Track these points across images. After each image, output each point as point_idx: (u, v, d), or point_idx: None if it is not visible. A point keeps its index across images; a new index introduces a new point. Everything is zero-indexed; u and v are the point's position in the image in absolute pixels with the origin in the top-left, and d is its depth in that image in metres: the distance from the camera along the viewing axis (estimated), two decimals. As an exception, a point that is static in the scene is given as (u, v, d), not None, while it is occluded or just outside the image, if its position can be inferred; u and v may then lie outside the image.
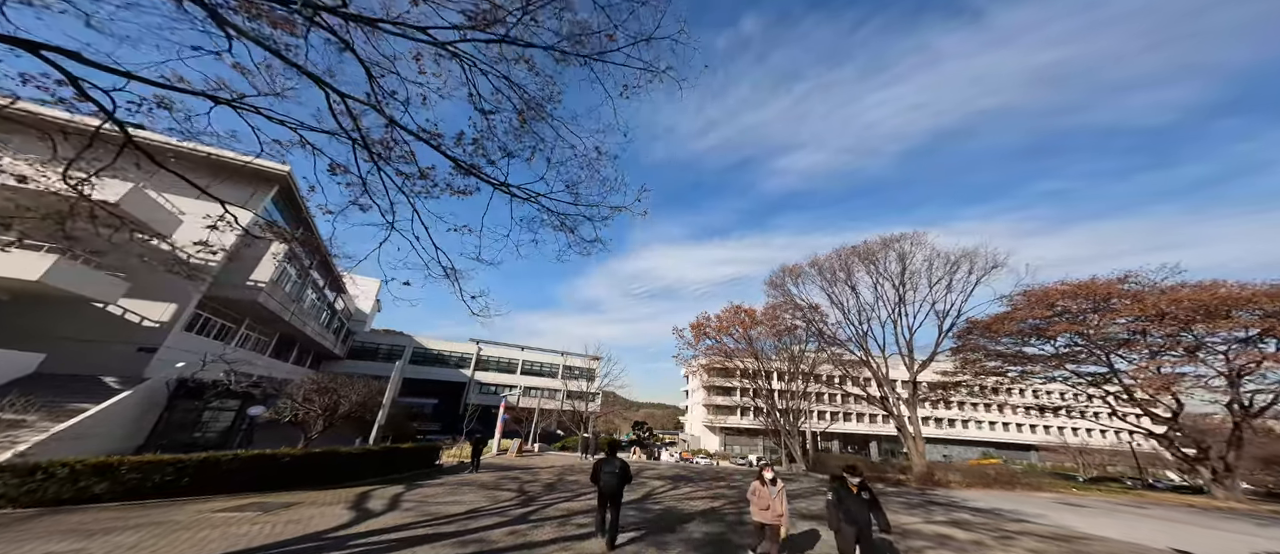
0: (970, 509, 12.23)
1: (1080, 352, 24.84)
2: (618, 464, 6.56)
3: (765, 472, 6.15)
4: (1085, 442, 57.97)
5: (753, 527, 6.13)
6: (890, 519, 9.07)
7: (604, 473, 6.44)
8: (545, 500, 9.77)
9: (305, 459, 9.63)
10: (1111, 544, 8.54)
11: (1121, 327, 22.50)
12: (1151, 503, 18.44)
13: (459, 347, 44.64)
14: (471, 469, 13.59)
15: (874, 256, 25.45)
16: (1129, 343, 23.18)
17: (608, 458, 6.66)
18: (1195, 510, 16.73)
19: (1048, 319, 24.21)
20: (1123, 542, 8.96)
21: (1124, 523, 11.78)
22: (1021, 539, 8.61)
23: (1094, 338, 23.67)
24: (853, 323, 26.59)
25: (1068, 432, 61.83)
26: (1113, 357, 23.55)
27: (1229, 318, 18.70)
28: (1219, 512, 16.51)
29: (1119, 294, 22.12)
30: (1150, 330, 21.74)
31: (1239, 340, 19.89)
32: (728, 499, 11.43)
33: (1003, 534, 9.03)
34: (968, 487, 18.58)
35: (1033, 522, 10.79)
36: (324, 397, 13.01)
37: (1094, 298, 22.41)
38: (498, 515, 8.12)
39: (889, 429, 61.66)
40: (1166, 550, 8.35)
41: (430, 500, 8.99)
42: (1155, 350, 22.37)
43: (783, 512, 5.86)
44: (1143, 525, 11.68)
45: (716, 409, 63.16)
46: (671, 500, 10.68)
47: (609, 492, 6.42)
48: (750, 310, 28.88)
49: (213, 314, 19.21)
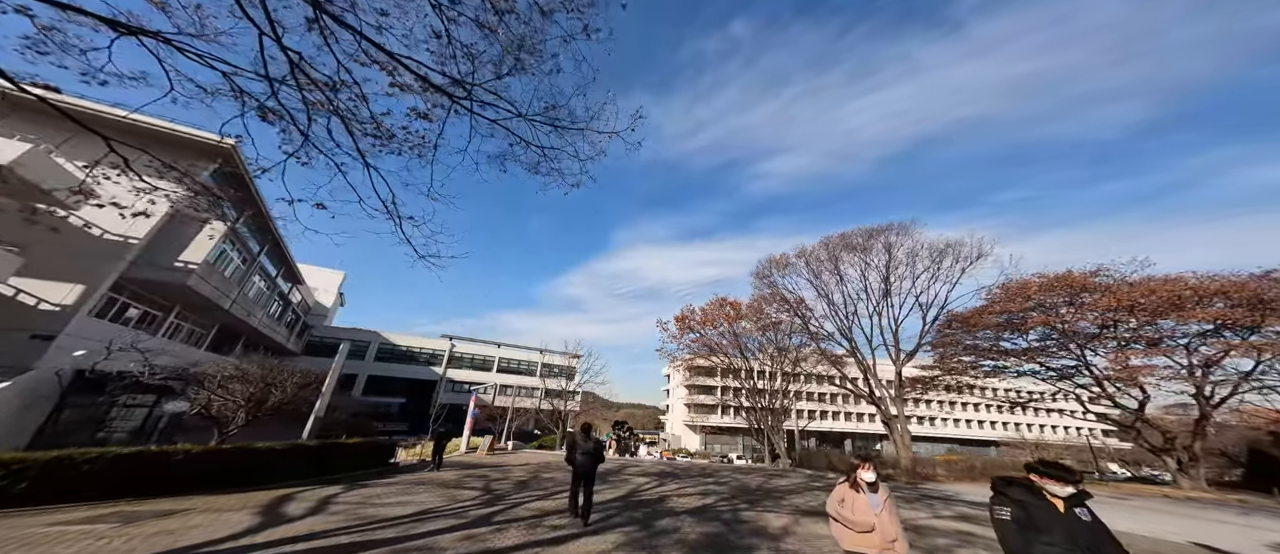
0: (968, 503, 11.66)
1: (1052, 345, 25.26)
2: (592, 445, 6.85)
3: (863, 470, 3.79)
4: (1041, 437, 60.76)
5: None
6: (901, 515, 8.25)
7: (579, 453, 6.74)
8: (514, 499, 8.47)
9: (207, 458, 7.87)
10: (1136, 539, 7.98)
11: (1093, 320, 22.91)
12: (1128, 494, 18.64)
13: (430, 343, 42.24)
14: (432, 468, 12.09)
15: (861, 246, 25.17)
16: (1099, 336, 23.69)
17: (583, 439, 6.95)
18: (1171, 500, 16.93)
19: (1024, 312, 24.49)
20: (1145, 536, 8.45)
21: (1119, 515, 11.45)
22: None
23: (1066, 331, 24.07)
24: (839, 315, 26.26)
25: (1025, 428, 64.51)
26: (1085, 350, 24.00)
27: (1197, 308, 19.15)
28: (1193, 501, 16.76)
29: (1091, 287, 22.52)
30: (1121, 322, 22.20)
31: (1206, 331, 20.44)
32: (719, 495, 10.40)
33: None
34: (954, 480, 18.29)
35: None
36: (247, 385, 11.08)
37: (1070, 290, 22.74)
38: (453, 517, 6.79)
39: (863, 427, 62.77)
40: (1188, 545, 7.88)
41: (372, 502, 7.55)
42: (1123, 342, 22.87)
43: (897, 536, 3.47)
44: (1140, 517, 11.38)
45: (698, 408, 62.83)
46: (659, 498, 9.56)
47: (583, 471, 6.72)
48: (735, 303, 28.22)
49: (134, 299, 16.84)
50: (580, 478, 6.77)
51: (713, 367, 54.91)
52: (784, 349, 27.81)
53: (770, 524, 7.57)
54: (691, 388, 63.07)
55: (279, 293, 29.43)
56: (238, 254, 21.30)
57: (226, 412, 10.62)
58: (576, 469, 6.77)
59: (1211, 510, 13.97)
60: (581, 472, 6.71)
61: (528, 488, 9.88)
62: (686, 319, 29.12)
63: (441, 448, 12.71)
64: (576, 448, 6.77)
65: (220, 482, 7.78)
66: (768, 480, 13.89)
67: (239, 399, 10.67)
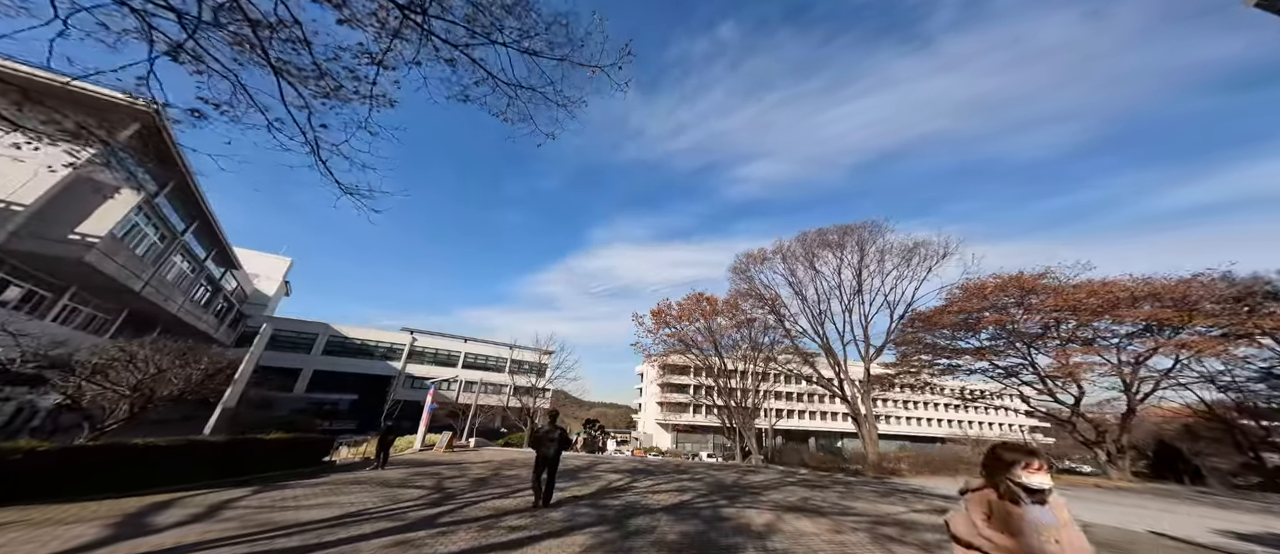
0: (941, 496, 11.69)
1: (1001, 345, 26.64)
2: (557, 432, 7.16)
3: (1032, 469, 2.35)
4: (981, 434, 65.02)
5: None
6: (880, 509, 7.87)
7: (545, 440, 7.03)
8: (468, 498, 7.49)
9: (64, 458, 6.32)
10: (1104, 532, 8.06)
11: (1039, 320, 24.29)
12: (1066, 485, 19.65)
13: (388, 336, 39.49)
14: (375, 466, 10.79)
15: (836, 243, 25.56)
16: (1043, 336, 25.17)
17: (549, 426, 7.25)
18: (1105, 490, 17.95)
19: (979, 312, 25.69)
20: (1109, 526, 8.57)
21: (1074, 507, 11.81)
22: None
23: (1015, 331, 25.45)
24: (812, 312, 26.55)
25: (967, 426, 68.86)
26: (1032, 348, 25.45)
27: (1131, 309, 20.58)
28: (1124, 490, 17.86)
29: (1039, 288, 23.86)
30: (1063, 321, 23.62)
31: (1135, 331, 22.10)
32: (696, 491, 9.81)
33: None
34: (916, 474, 18.72)
35: None
36: (134, 372, 9.17)
37: (1021, 290, 24.00)
38: (388, 519, 5.77)
39: (828, 425, 64.80)
40: (1147, 534, 8.02)
41: (283, 505, 6.36)
42: (1064, 341, 24.41)
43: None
44: (1091, 508, 11.79)
45: (670, 406, 62.84)
46: (633, 495, 8.84)
47: (548, 456, 7.01)
48: (712, 299, 28.04)
49: (15, 275, 14.27)
50: (544, 462, 7.00)
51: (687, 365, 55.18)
52: (758, 346, 27.86)
53: (753, 521, 7.03)
54: (665, 386, 62.99)
55: (208, 277, 26.42)
56: (155, 230, 18.71)
57: (104, 403, 8.81)
58: (541, 454, 7.03)
59: (1144, 499, 14.86)
60: (547, 456, 6.98)
61: (486, 485, 8.89)
62: (663, 313, 28.65)
63: (387, 444, 11.42)
64: (543, 435, 7.11)
65: (86, 487, 6.25)
66: (743, 476, 13.50)
67: (124, 388, 8.85)
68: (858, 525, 7.13)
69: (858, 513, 8.28)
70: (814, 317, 26.67)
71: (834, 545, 5.81)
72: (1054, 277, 24.10)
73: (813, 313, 26.69)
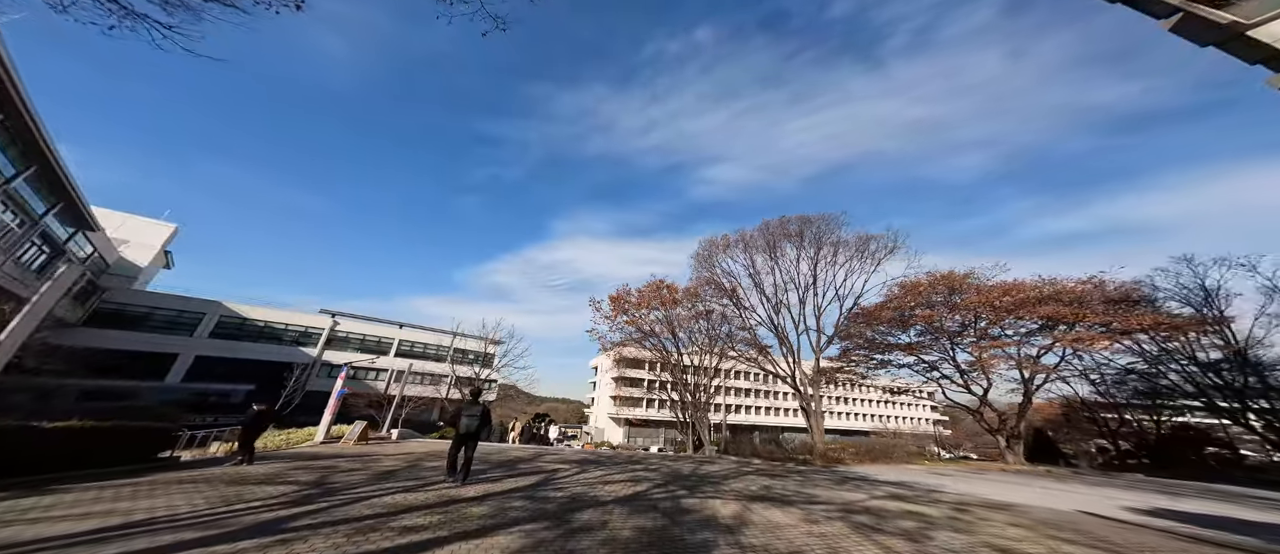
0: (892, 483, 11.65)
1: (927, 340, 28.61)
2: (479, 409, 7.01)
3: None
4: (898, 427, 71.28)
5: None
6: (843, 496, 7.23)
7: (465, 416, 6.87)
8: (355, 495, 5.76)
9: None
10: (1038, 511, 8.09)
11: (963, 317, 26.28)
12: (977, 470, 21.27)
13: (301, 319, 34.39)
14: (236, 461, 8.44)
15: (796, 233, 25.88)
16: (962, 333, 27.28)
17: (470, 403, 7.10)
18: (1008, 473, 19.58)
19: (914, 307, 27.35)
20: (1041, 506, 8.70)
21: (998, 489, 12.38)
22: (982, 512, 7.61)
23: (939, 328, 27.40)
24: (769, 302, 26.70)
25: (886, 420, 75.23)
26: (953, 344, 27.53)
27: (1038, 307, 22.72)
28: (1025, 474, 19.58)
29: (965, 287, 25.84)
30: (982, 317, 25.69)
31: (1035, 329, 24.51)
32: (652, 481, 8.71)
33: (957, 506, 8.02)
34: (859, 462, 19.22)
35: (951, 492, 10.39)
36: None
37: (949, 288, 25.82)
38: (198, 528, 3.99)
39: (774, 420, 67.36)
40: (1076, 513, 8.18)
41: (13, 519, 4.31)
42: (979, 336, 26.64)
43: None
44: (1012, 490, 12.38)
45: (623, 400, 61.95)
46: (580, 486, 7.54)
47: (467, 432, 6.85)
48: (672, 287, 27.28)
49: None
50: (463, 438, 6.82)
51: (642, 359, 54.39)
52: (715, 338, 27.61)
53: (719, 512, 6.04)
54: (620, 380, 61.96)
55: (46, 237, 21.08)
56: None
57: None
58: (460, 431, 6.83)
59: (1044, 480, 16.20)
60: (466, 432, 6.79)
61: (391, 479, 7.13)
62: (622, 299, 27.41)
63: (252, 435, 9.06)
64: (463, 411, 6.93)
65: None
66: (699, 466, 12.68)
67: None
68: (830, 514, 6.41)
69: (824, 501, 7.64)
70: (771, 307, 26.88)
71: (815, 537, 4.95)
72: (977, 277, 26.25)
73: (770, 303, 26.90)
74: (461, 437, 6.87)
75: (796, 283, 26.63)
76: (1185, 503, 10.89)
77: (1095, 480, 17.08)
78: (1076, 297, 22.23)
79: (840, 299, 27.05)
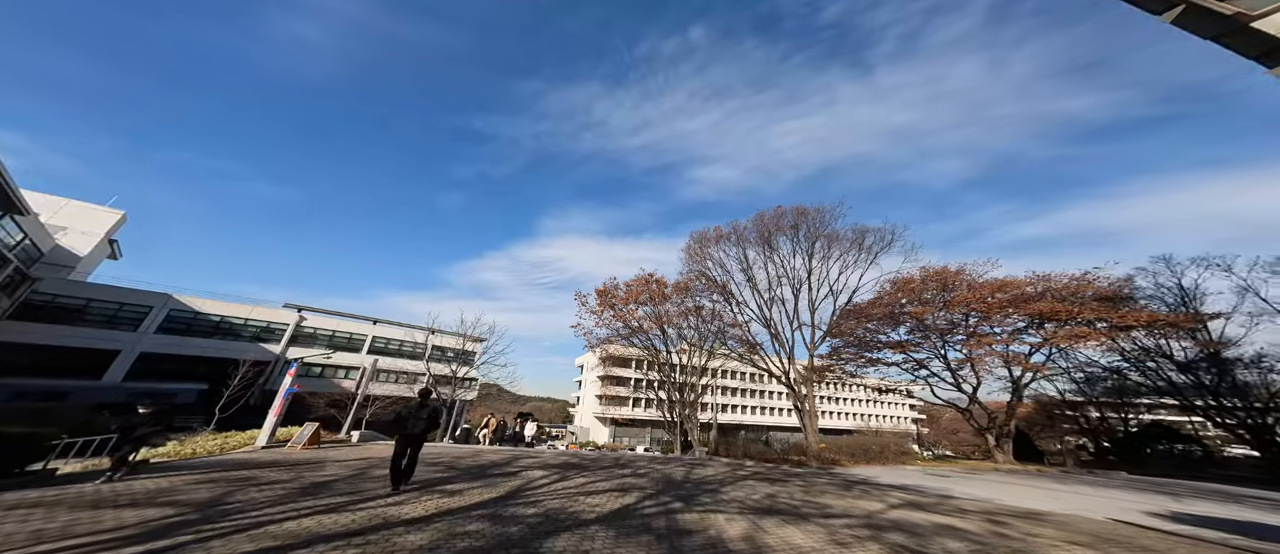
0: (897, 487, 10.82)
1: (917, 338, 28.21)
2: (427, 410, 6.76)
3: None
4: (879, 426, 71.89)
5: None
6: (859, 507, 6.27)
7: (410, 417, 6.60)
8: (252, 520, 4.44)
9: None
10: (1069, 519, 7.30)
11: (955, 313, 25.89)
12: (970, 470, 20.83)
13: (263, 313, 31.99)
14: (109, 477, 6.52)
15: (792, 225, 25.01)
16: (952, 330, 26.94)
17: (420, 404, 6.85)
18: (1001, 473, 19.18)
19: (906, 303, 26.89)
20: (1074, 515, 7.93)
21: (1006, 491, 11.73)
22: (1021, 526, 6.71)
23: (930, 326, 27.01)
24: (762, 296, 25.82)
25: (867, 419, 75.90)
26: (945, 340, 27.18)
27: (1032, 303, 22.41)
28: (1019, 473, 19.25)
29: (958, 283, 25.46)
30: (975, 313, 25.34)
31: (1031, 324, 24.24)
32: (642, 490, 7.55)
33: (989, 518, 7.12)
34: (855, 464, 18.44)
35: (965, 497, 9.58)
36: None
37: (943, 284, 25.40)
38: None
39: (756, 419, 67.02)
40: (1108, 522, 7.43)
41: None
42: (969, 334, 26.31)
43: None
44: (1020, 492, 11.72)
45: (609, 399, 60.70)
46: (558, 499, 6.33)
47: (414, 433, 6.57)
48: (662, 281, 26.08)
49: None
50: (407, 442, 6.51)
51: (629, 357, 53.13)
52: (705, 335, 26.58)
53: (726, 533, 4.93)
54: (606, 379, 60.67)
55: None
56: None
57: None
58: (405, 433, 6.51)
59: (1042, 481, 15.72)
60: (413, 433, 6.53)
61: (318, 495, 5.79)
62: (609, 293, 26.05)
63: (129, 445, 6.90)
64: (409, 413, 6.65)
65: None
66: (691, 470, 11.59)
67: None
68: (856, 533, 5.37)
69: (841, 514, 6.62)
70: (764, 302, 26.01)
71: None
72: (970, 273, 25.93)
73: (763, 298, 26.02)
74: (405, 439, 6.54)
75: (790, 277, 25.82)
76: (1198, 506, 10.34)
77: (1090, 480, 16.73)
78: (1069, 293, 22.00)
79: (834, 295, 26.36)
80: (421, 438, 6.73)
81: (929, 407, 63.57)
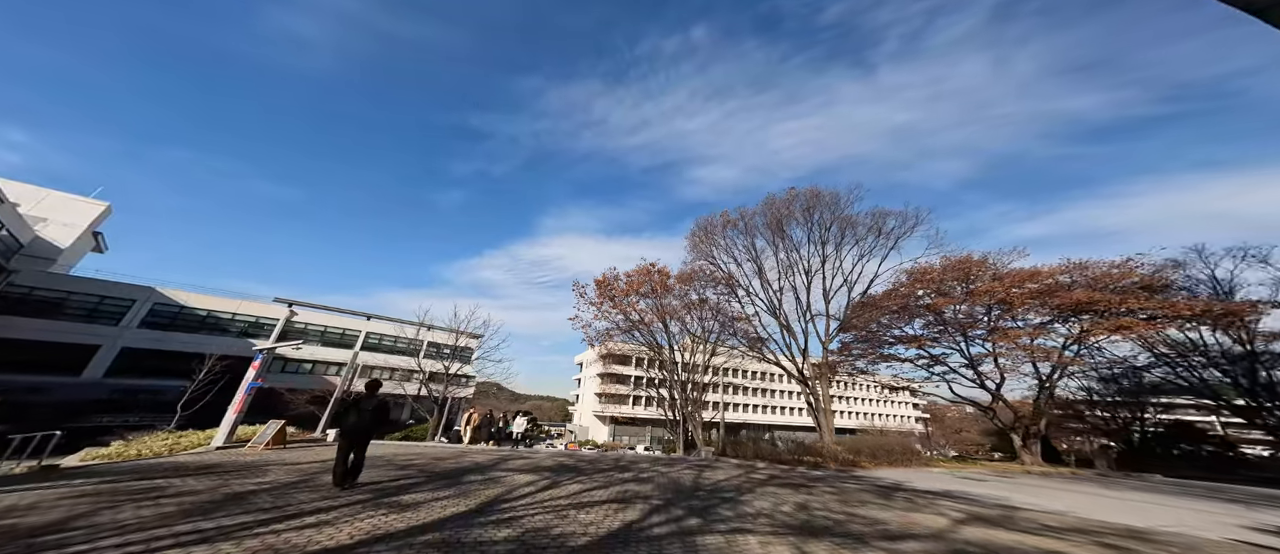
0: (944, 494, 9.45)
1: (935, 332, 26.54)
2: (373, 403, 6.23)
3: None
4: (884, 426, 69.78)
5: None
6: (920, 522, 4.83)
7: (353, 412, 6.07)
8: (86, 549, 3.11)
9: None
10: (1181, 540, 5.87)
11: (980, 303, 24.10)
12: (1000, 472, 19.16)
13: (252, 308, 30.85)
14: None
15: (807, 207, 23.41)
16: (974, 323, 25.20)
17: (366, 396, 6.30)
18: (1036, 476, 17.62)
19: (923, 294, 25.26)
20: (1176, 533, 6.51)
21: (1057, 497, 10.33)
22: (1112, 542, 5.30)
23: (950, 320, 25.37)
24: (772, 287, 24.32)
25: (873, 418, 73.97)
26: (967, 334, 25.52)
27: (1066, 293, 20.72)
28: (1052, 476, 17.64)
29: (981, 273, 23.78)
30: (1005, 301, 23.57)
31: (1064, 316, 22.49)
32: (647, 501, 6.17)
33: (1083, 534, 5.71)
34: (877, 465, 16.95)
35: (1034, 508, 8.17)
36: None
37: (966, 275, 23.75)
38: None
39: (757, 418, 65.19)
40: (1225, 541, 5.98)
41: None
42: (991, 327, 24.59)
43: None
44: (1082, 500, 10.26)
45: (608, 398, 59.44)
46: (542, 515, 4.97)
47: (358, 431, 6.04)
48: (664, 271, 24.56)
49: None
50: (351, 440, 6.00)
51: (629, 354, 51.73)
52: (710, 329, 25.05)
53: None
54: (605, 376, 59.37)
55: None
56: None
57: None
58: (346, 430, 5.99)
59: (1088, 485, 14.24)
60: (357, 430, 6.01)
61: (231, 508, 4.45)
62: (609, 283, 24.52)
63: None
64: (351, 407, 6.15)
65: None
66: (701, 474, 10.19)
67: None
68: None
69: (900, 533, 5.21)
70: (774, 292, 24.46)
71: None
72: (994, 262, 24.26)
73: (773, 288, 24.48)
74: (349, 437, 5.97)
75: (804, 265, 24.23)
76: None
77: (1135, 485, 15.22)
78: (1110, 282, 20.35)
79: (849, 285, 24.76)
80: (367, 436, 6.22)
81: (933, 406, 61.56)
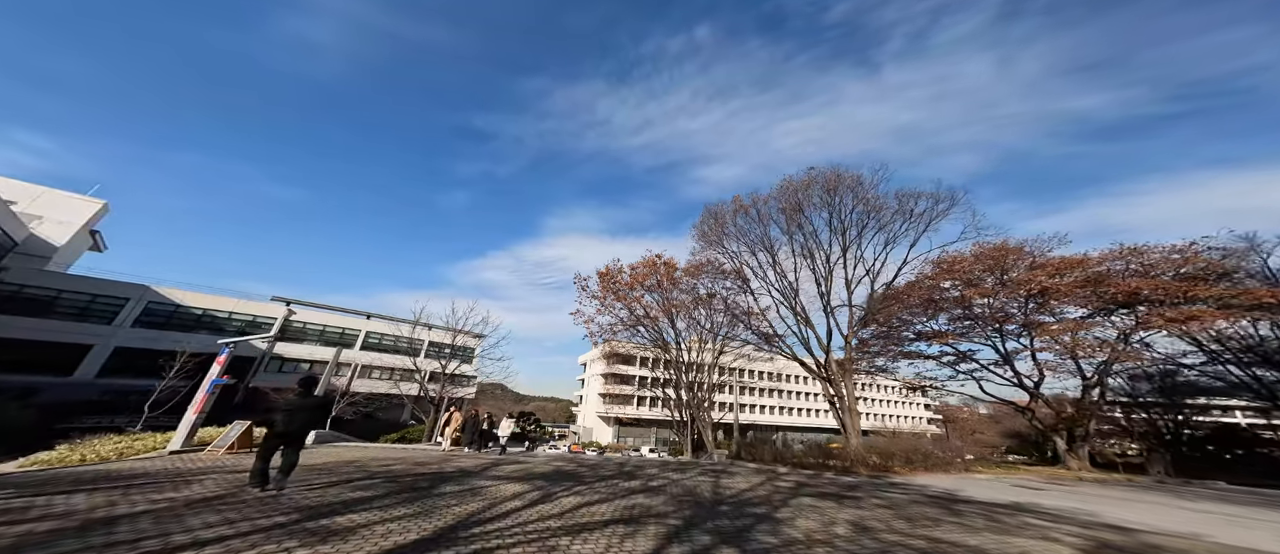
0: (1025, 508, 7.95)
1: (964, 327, 24.68)
2: (313, 400, 5.73)
3: None
4: (897, 427, 66.84)
5: None
6: (1021, 546, 3.26)
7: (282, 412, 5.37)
8: None
9: None
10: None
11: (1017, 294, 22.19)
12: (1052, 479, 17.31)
13: (249, 307, 30.14)
14: None
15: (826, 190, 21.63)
16: (1007, 318, 23.27)
17: (303, 392, 5.62)
18: (1091, 483, 15.86)
19: (948, 290, 23.48)
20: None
21: (1149, 512, 8.81)
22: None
23: (981, 314, 23.51)
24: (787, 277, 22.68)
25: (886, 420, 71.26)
26: (1003, 328, 23.62)
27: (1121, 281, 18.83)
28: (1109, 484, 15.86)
29: (1018, 261, 21.93)
30: (1036, 294, 21.69)
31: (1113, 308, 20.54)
32: (662, 521, 4.80)
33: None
34: (913, 471, 15.30)
35: (1154, 531, 6.65)
36: None
37: (1000, 264, 21.93)
38: None
39: (768, 419, 63.02)
40: None
41: None
42: (1024, 322, 22.67)
43: None
44: (1166, 512, 8.70)
45: (613, 398, 58.11)
46: (528, 542, 3.62)
47: (293, 429, 5.38)
48: (671, 262, 23.09)
49: None
50: (276, 442, 5.34)
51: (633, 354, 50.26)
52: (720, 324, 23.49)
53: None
54: (609, 377, 58.03)
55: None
56: None
57: None
58: (276, 430, 5.34)
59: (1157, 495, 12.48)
60: (292, 429, 5.37)
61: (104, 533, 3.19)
62: (612, 276, 23.07)
63: None
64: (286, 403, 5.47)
65: None
66: (718, 481, 8.77)
67: None
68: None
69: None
70: (790, 282, 22.83)
71: None
72: (1031, 251, 22.39)
73: (789, 279, 22.85)
74: (274, 439, 5.32)
75: (825, 252, 22.53)
76: None
77: (1212, 495, 13.41)
78: (1171, 268, 18.47)
79: (871, 276, 23.05)
80: (300, 438, 5.63)
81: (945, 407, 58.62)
